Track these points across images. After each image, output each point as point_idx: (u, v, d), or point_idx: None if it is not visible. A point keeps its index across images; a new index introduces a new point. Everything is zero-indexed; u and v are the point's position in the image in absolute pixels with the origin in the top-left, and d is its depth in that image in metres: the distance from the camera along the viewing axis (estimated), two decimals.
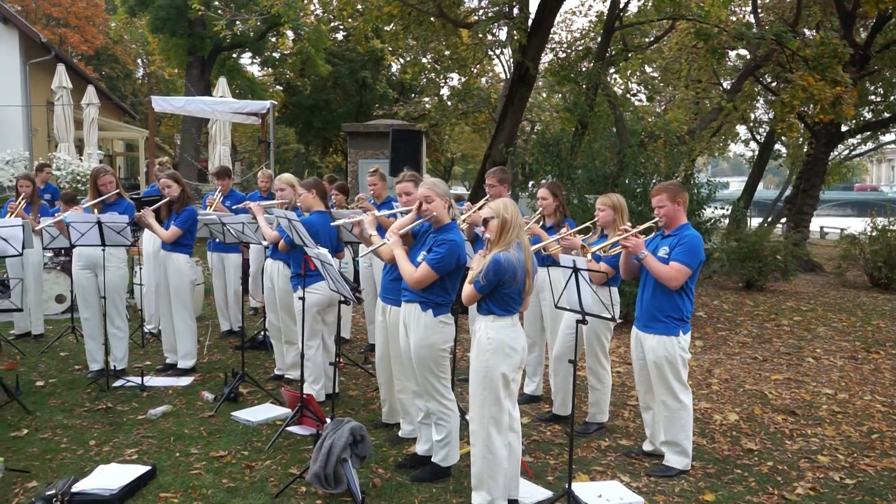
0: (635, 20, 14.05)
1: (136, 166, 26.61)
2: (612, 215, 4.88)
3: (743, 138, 25.84)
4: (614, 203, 4.90)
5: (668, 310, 4.36)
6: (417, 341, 4.10)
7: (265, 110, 13.52)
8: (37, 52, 20.18)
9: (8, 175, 13.84)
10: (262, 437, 4.90)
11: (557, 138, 10.84)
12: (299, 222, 4.96)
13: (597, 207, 4.97)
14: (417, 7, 11.59)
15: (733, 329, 8.99)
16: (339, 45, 27.45)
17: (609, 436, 5.11)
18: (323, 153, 32.09)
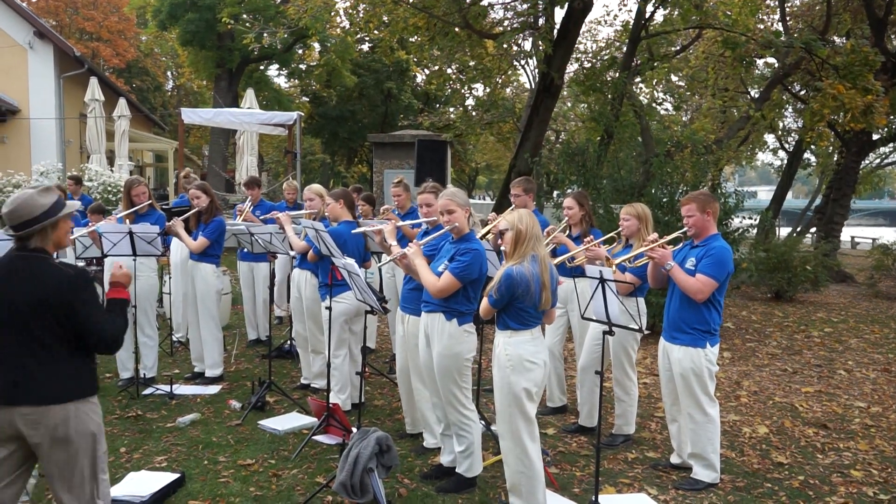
0: (661, 29, 14.00)
1: (166, 177, 27.03)
2: (637, 225, 4.86)
3: (771, 147, 25.52)
4: (639, 213, 4.88)
5: (695, 322, 4.32)
6: (441, 350, 4.11)
7: (292, 121, 13.69)
8: (70, 65, 20.65)
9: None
10: (289, 445, 4.94)
11: (583, 148, 10.81)
12: (327, 232, 5.01)
13: (621, 217, 4.95)
14: (443, 18, 11.66)
15: (762, 340, 8.86)
16: (364, 56, 27.69)
17: (636, 448, 5.07)
18: (349, 163, 32.34)
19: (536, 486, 3.71)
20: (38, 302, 2.77)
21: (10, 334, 2.78)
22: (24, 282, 2.79)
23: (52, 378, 2.79)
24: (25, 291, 2.78)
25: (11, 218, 2.83)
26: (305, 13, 11.02)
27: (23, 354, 2.78)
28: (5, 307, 2.78)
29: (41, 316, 2.77)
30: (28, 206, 2.83)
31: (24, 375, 2.77)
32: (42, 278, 2.80)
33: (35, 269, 2.82)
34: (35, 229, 2.84)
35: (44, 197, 2.88)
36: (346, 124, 28.27)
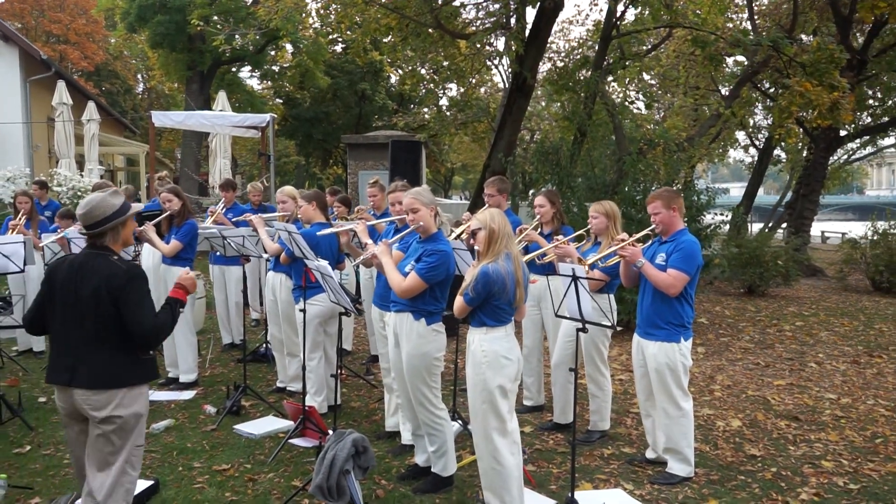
0: (632, 28, 14.11)
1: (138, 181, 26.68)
2: (606, 222, 4.90)
3: (742, 144, 25.86)
4: (607, 210, 4.92)
5: (669, 316, 4.37)
6: (410, 350, 4.10)
7: (265, 123, 13.59)
8: (37, 69, 20.29)
9: (9, 192, 13.87)
10: (265, 449, 4.90)
11: (557, 147, 10.87)
12: (299, 234, 4.99)
13: (590, 214, 4.99)
14: (415, 19, 11.66)
15: (735, 335, 8.98)
16: (337, 57, 27.61)
17: (612, 444, 5.11)
18: (323, 165, 32.19)
19: (511, 483, 3.72)
20: (94, 293, 3.05)
21: (72, 323, 3.09)
22: (88, 276, 3.08)
23: (103, 365, 3.08)
24: (87, 284, 3.07)
25: (86, 218, 3.13)
26: (276, 14, 10.95)
27: (80, 342, 3.08)
28: (71, 298, 3.08)
29: (96, 307, 3.05)
30: (101, 207, 3.13)
31: (79, 361, 3.07)
32: (100, 272, 3.09)
33: (97, 264, 3.12)
34: (106, 228, 3.14)
35: (114, 198, 3.19)
36: (320, 126, 28.16)
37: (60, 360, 3.12)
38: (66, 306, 3.10)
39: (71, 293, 3.09)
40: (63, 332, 3.12)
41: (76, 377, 3.07)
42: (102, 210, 3.13)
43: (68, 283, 3.11)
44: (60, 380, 3.10)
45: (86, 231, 3.17)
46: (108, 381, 3.07)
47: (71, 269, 3.14)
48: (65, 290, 3.11)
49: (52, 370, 3.15)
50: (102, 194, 3.20)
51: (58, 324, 3.14)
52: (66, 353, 3.10)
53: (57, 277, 3.16)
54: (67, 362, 3.09)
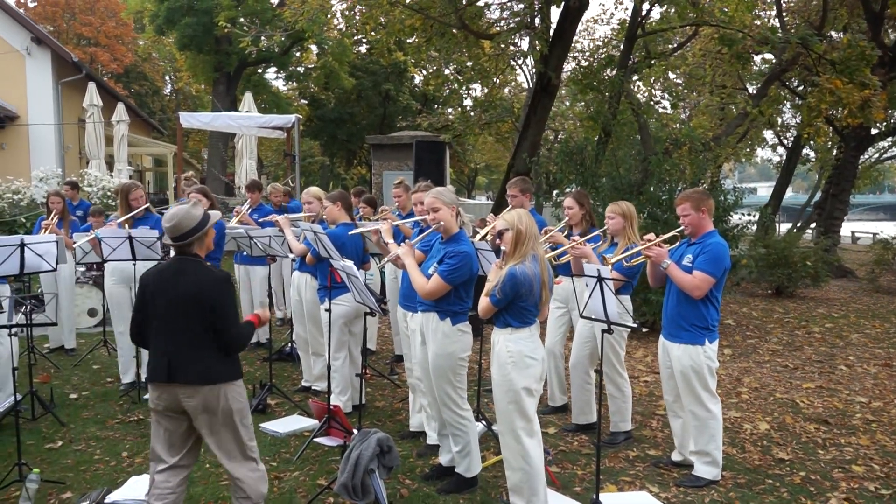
0: (658, 27, 13.98)
1: (165, 181, 27.04)
2: (623, 223, 4.87)
3: (770, 143, 25.51)
4: (624, 210, 4.89)
5: (693, 318, 4.33)
6: (436, 350, 4.11)
7: (290, 124, 13.71)
8: (68, 71, 20.66)
9: (41, 192, 14.14)
10: (291, 448, 4.95)
11: (581, 147, 10.81)
12: (325, 235, 5.02)
13: (606, 215, 4.97)
14: (439, 20, 11.66)
15: (763, 337, 8.87)
16: (362, 58, 27.72)
17: (637, 446, 5.07)
18: (348, 165, 32.35)
19: (537, 485, 3.72)
20: (194, 297, 3.28)
21: (172, 323, 3.30)
22: (186, 280, 3.31)
23: (200, 362, 3.31)
24: (186, 288, 3.29)
25: (174, 230, 3.34)
26: (302, 16, 11.02)
27: (179, 341, 3.30)
28: (170, 301, 3.30)
29: (195, 309, 3.28)
30: (187, 219, 3.35)
31: (178, 358, 3.29)
32: (200, 277, 3.33)
33: (194, 269, 3.36)
34: (193, 239, 3.37)
35: (196, 210, 3.41)
36: (344, 126, 28.29)
37: (162, 359, 3.31)
38: (166, 308, 3.30)
39: (170, 296, 3.30)
40: (163, 334, 3.32)
41: (179, 373, 3.28)
42: (188, 222, 3.35)
43: (166, 287, 3.32)
44: (162, 377, 3.29)
45: (174, 242, 3.37)
46: (210, 377, 3.32)
47: (165, 275, 3.36)
48: (163, 293, 3.32)
49: (154, 369, 3.33)
50: (186, 207, 3.39)
51: (157, 326, 3.33)
52: (168, 353, 3.30)
53: (151, 284, 3.37)
54: (169, 361, 3.29)
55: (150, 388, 3.38)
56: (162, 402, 3.35)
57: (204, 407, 3.30)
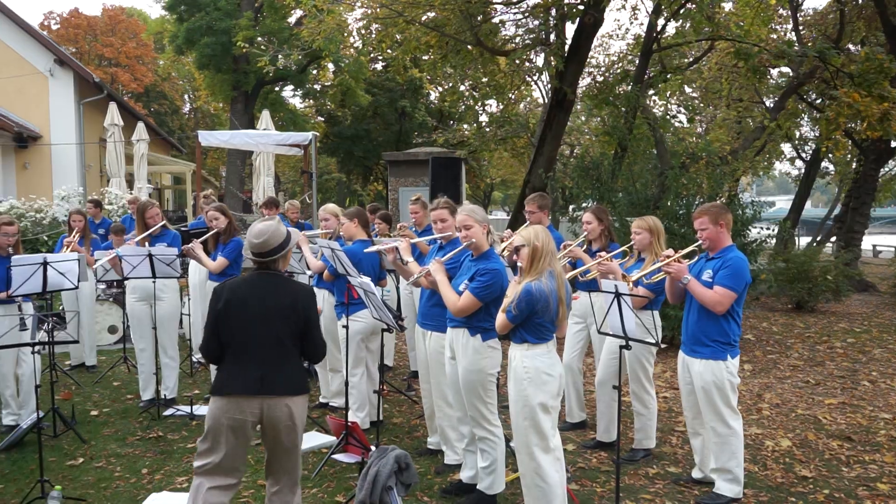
0: (673, 42, 13.99)
1: (184, 199, 27.33)
2: (650, 238, 4.86)
3: (788, 156, 25.32)
4: (650, 226, 4.88)
5: (714, 334, 4.30)
6: (466, 366, 4.12)
7: (307, 141, 13.80)
8: (90, 91, 21.01)
9: (63, 210, 14.34)
10: (309, 464, 4.95)
11: (597, 162, 10.81)
12: (342, 252, 5.05)
13: (633, 230, 4.95)
14: (455, 37, 11.75)
15: (783, 352, 8.76)
16: (378, 75, 27.94)
17: (657, 462, 5.02)
18: (364, 182, 32.51)
19: (554, 501, 3.69)
20: (286, 308, 3.36)
21: (264, 335, 3.34)
22: (281, 292, 3.40)
23: (289, 373, 3.38)
24: (282, 299, 3.37)
25: (262, 247, 3.40)
26: (319, 35, 11.14)
27: (271, 352, 3.34)
28: (265, 312, 3.34)
29: (286, 320, 3.36)
30: (276, 236, 3.43)
31: (270, 370, 3.33)
32: (293, 288, 3.46)
33: (283, 283, 3.46)
34: (279, 256, 3.46)
35: (281, 228, 3.51)
36: (360, 143, 28.47)
37: (253, 371, 3.31)
38: (260, 320, 3.33)
39: (265, 307, 3.34)
40: (254, 346, 3.33)
41: (273, 385, 3.32)
42: (276, 239, 3.42)
43: (259, 298, 3.35)
44: (252, 390, 3.29)
45: (261, 258, 3.42)
46: (299, 388, 3.41)
47: (255, 288, 3.39)
48: (255, 305, 3.34)
49: (244, 382, 3.30)
50: (274, 224, 3.46)
51: (245, 338, 3.33)
52: (260, 365, 3.32)
53: (235, 297, 3.36)
54: (262, 373, 3.31)
55: (228, 402, 3.29)
56: (242, 417, 3.29)
57: (289, 418, 3.33)
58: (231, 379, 3.33)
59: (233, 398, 3.30)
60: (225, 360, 3.38)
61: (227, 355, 3.37)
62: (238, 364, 3.34)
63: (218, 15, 22.76)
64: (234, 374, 3.33)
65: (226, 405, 3.30)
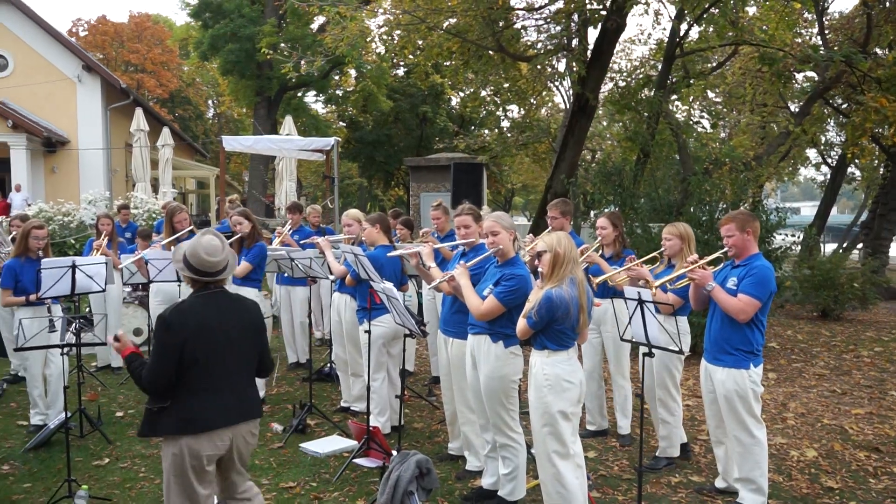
0: (696, 47, 13.91)
1: (208, 203, 27.62)
2: (680, 244, 4.82)
3: (813, 162, 25.04)
4: (681, 232, 4.84)
5: (737, 342, 4.25)
6: (488, 373, 4.11)
7: (330, 147, 13.91)
8: (117, 97, 21.35)
9: (90, 214, 14.57)
10: (330, 468, 4.98)
11: (619, 168, 10.77)
12: (365, 257, 5.08)
13: (663, 237, 4.92)
14: (477, 43, 11.78)
15: (809, 360, 8.65)
16: (399, 80, 28.07)
17: (679, 471, 4.98)
18: (385, 186, 32.66)
19: None
20: (255, 324, 3.30)
21: (236, 358, 3.22)
22: (245, 309, 3.29)
23: (255, 394, 3.37)
24: (249, 317, 3.29)
25: (217, 266, 3.20)
26: (342, 41, 11.24)
27: (242, 376, 3.26)
28: (238, 334, 3.21)
29: (257, 337, 3.31)
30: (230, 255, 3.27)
31: (246, 393, 3.27)
32: (249, 304, 3.34)
33: (240, 299, 3.34)
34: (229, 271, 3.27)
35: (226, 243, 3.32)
36: (382, 148, 28.61)
37: (230, 398, 3.16)
38: (231, 343, 3.17)
39: (237, 328, 3.20)
40: (226, 371, 3.17)
41: (251, 409, 3.27)
42: (230, 258, 3.27)
43: (227, 321, 3.17)
44: (234, 418, 3.16)
45: (219, 276, 3.23)
46: (261, 408, 3.38)
47: (221, 309, 3.19)
48: (218, 329, 3.14)
49: (223, 412, 3.13)
50: (220, 242, 3.26)
51: (216, 365, 3.13)
52: (235, 391, 3.20)
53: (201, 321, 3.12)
54: (233, 400, 3.18)
55: (208, 438, 3.08)
56: (221, 448, 3.13)
57: (254, 438, 3.26)
58: (207, 411, 3.09)
59: (218, 432, 3.11)
60: (190, 392, 3.09)
61: (191, 386, 3.09)
62: (217, 393, 3.12)
63: (242, 22, 23.03)
64: (212, 406, 3.11)
65: (212, 440, 3.10)
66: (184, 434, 3.06)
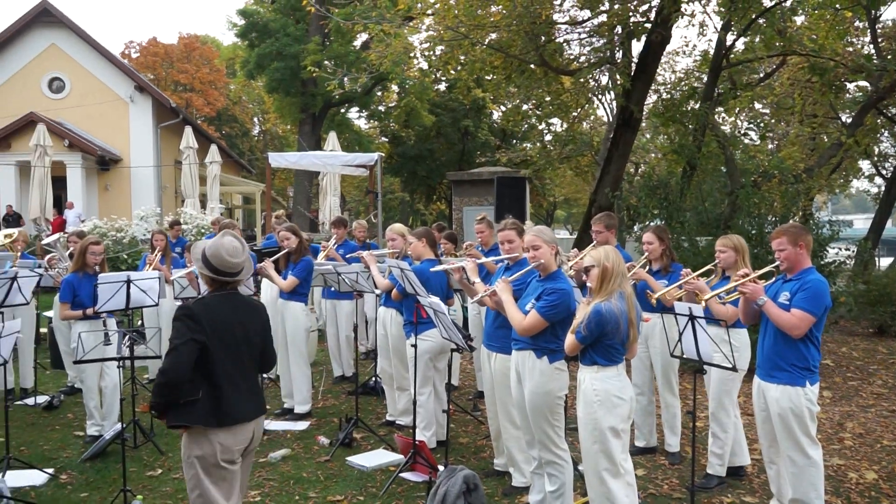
0: (743, 58, 13.69)
1: (253, 218, 28.15)
2: (735, 256, 4.74)
3: (867, 173, 24.32)
4: (736, 244, 4.76)
5: (792, 358, 4.13)
6: (533, 389, 4.09)
7: (373, 162, 14.06)
8: (167, 116, 21.98)
9: (142, 230, 14.99)
10: (377, 482, 4.99)
11: (665, 181, 10.63)
12: (411, 271, 5.11)
13: (717, 249, 4.84)
14: (520, 57, 11.80)
15: (865, 379, 8.37)
16: (441, 95, 28.27)
17: (732, 491, 4.86)
18: (427, 201, 32.85)
19: None
20: (265, 324, 3.45)
21: (247, 357, 3.34)
22: (257, 310, 3.45)
23: (261, 390, 3.55)
24: (261, 317, 3.44)
25: (237, 267, 3.32)
26: (386, 58, 11.39)
27: (253, 374, 3.42)
28: (254, 332, 3.35)
29: (265, 335, 3.44)
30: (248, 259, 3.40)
31: (258, 389, 3.45)
32: (259, 305, 3.52)
33: (247, 301, 3.45)
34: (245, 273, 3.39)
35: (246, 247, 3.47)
36: (424, 163, 28.80)
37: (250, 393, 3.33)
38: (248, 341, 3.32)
39: (253, 327, 3.36)
40: (243, 368, 3.30)
41: (263, 404, 3.49)
42: (249, 262, 3.41)
43: (245, 319, 3.32)
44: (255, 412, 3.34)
45: (237, 277, 3.33)
46: (264, 404, 3.56)
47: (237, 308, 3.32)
48: (241, 326, 3.29)
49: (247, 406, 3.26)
50: (240, 245, 3.36)
51: (234, 362, 3.24)
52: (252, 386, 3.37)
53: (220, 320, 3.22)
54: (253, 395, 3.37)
55: (235, 433, 3.18)
56: (246, 442, 3.27)
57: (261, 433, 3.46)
58: (235, 405, 3.21)
59: (242, 426, 3.24)
60: (217, 386, 3.17)
61: (217, 381, 3.18)
62: (238, 389, 3.23)
63: (287, 41, 23.51)
64: (235, 399, 3.21)
65: (239, 434, 3.22)
66: (219, 427, 3.15)
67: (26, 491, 4.83)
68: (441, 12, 10.78)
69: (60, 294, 5.92)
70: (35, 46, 21.17)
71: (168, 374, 3.08)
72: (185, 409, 3.13)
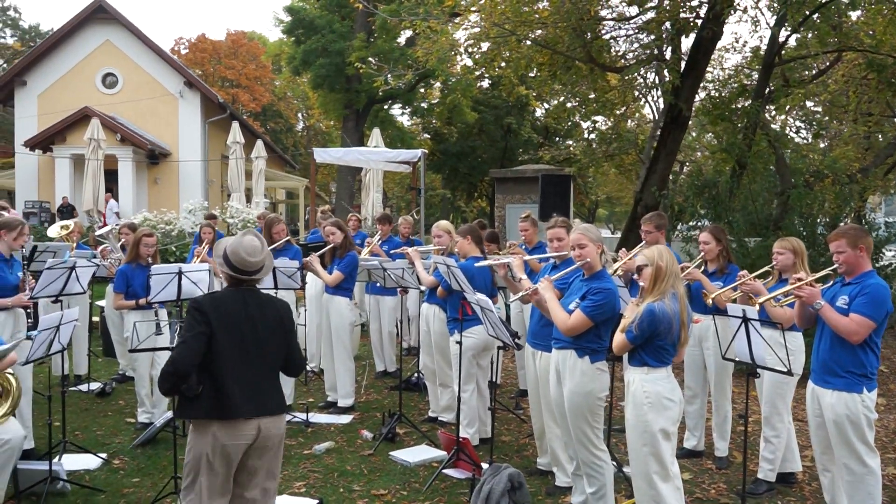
0: (796, 54, 13.33)
1: (297, 213, 28.51)
2: (793, 259, 4.63)
3: None
4: (794, 246, 4.66)
5: (849, 364, 4.01)
6: (573, 388, 4.05)
7: (417, 158, 14.10)
8: (214, 111, 22.39)
9: (190, 223, 15.31)
10: (420, 478, 5.01)
11: (713, 181, 10.42)
12: (458, 268, 5.11)
13: (775, 251, 4.74)
14: (567, 54, 11.68)
15: None
16: (484, 92, 28.20)
17: (782, 499, 4.75)
18: (468, 198, 32.81)
19: None
20: (280, 322, 3.37)
21: (256, 353, 3.28)
22: (271, 307, 3.37)
23: (279, 391, 3.40)
24: (274, 315, 3.35)
25: (256, 266, 3.32)
26: (432, 55, 11.39)
27: (262, 371, 3.31)
28: (259, 329, 3.28)
29: (281, 334, 3.36)
30: (269, 257, 3.40)
31: (264, 388, 3.31)
32: (278, 303, 3.43)
33: (269, 298, 3.42)
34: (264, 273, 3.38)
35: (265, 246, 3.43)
36: (466, 160, 28.77)
37: (249, 392, 3.24)
38: (253, 337, 3.26)
39: (259, 323, 3.27)
40: (244, 365, 3.24)
41: (268, 404, 3.30)
42: (269, 260, 3.40)
43: (251, 315, 3.26)
44: (251, 412, 3.21)
45: (254, 275, 3.32)
46: (285, 405, 3.46)
47: (247, 303, 3.28)
48: (248, 322, 3.24)
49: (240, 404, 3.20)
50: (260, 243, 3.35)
51: (236, 358, 3.22)
52: (253, 384, 3.26)
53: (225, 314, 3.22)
54: (257, 393, 3.26)
55: (226, 427, 3.16)
56: (236, 440, 3.18)
57: (279, 437, 3.31)
58: (228, 401, 3.17)
59: (233, 422, 3.17)
60: (219, 381, 3.18)
61: (219, 375, 3.18)
62: (235, 385, 3.19)
63: (333, 37, 23.73)
64: (230, 396, 3.17)
65: (229, 429, 3.17)
66: (217, 420, 3.16)
67: (81, 474, 4.97)
68: (487, 8, 10.73)
69: (115, 284, 6.08)
70: (90, 43, 21.76)
71: (176, 363, 3.14)
72: (189, 403, 3.22)
